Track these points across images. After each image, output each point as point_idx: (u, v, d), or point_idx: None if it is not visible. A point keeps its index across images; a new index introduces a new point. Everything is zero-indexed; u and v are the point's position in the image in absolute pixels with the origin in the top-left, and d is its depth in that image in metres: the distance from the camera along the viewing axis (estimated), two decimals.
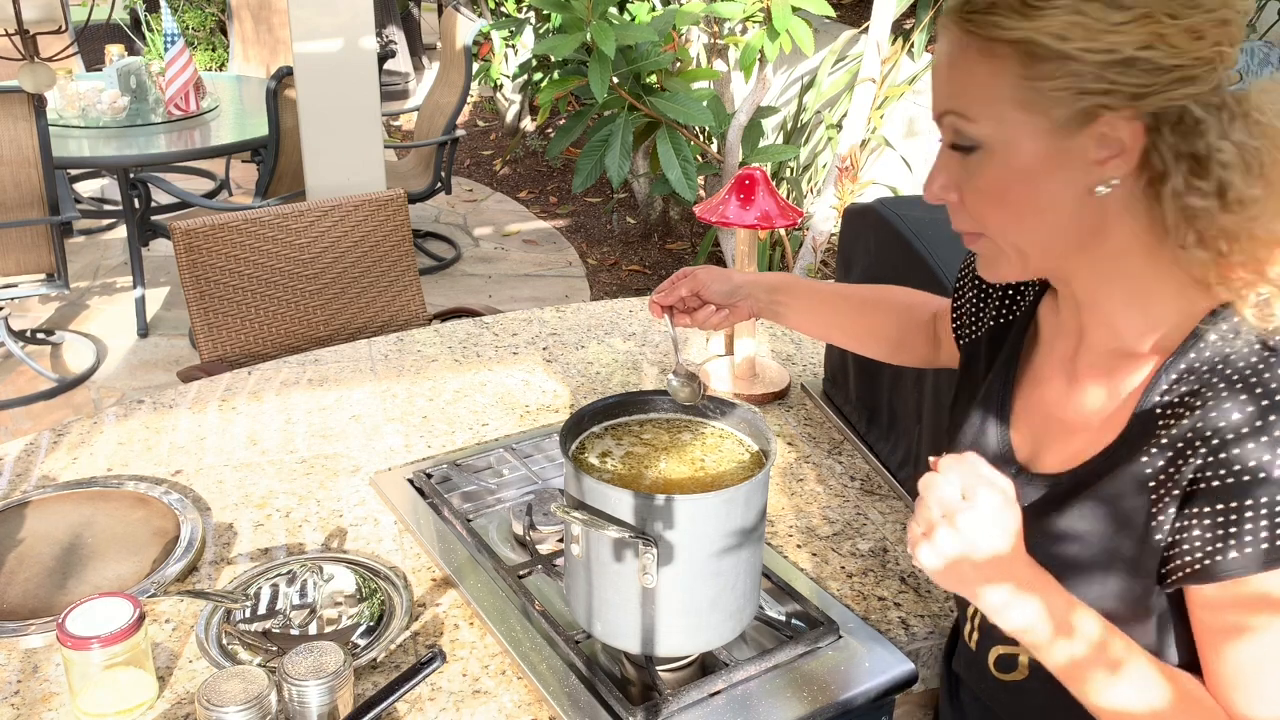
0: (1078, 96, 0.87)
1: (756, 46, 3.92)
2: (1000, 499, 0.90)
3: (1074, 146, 0.89)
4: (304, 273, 2.49)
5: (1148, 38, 0.84)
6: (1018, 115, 0.89)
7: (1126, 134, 0.88)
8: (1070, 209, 0.92)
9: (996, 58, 0.88)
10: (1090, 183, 0.90)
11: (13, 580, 1.38)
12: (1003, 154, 0.91)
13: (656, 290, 1.41)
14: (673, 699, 1.19)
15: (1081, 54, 0.85)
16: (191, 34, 7.95)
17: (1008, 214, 0.94)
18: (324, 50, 3.32)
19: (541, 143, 6.75)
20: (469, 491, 1.61)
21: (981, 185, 0.94)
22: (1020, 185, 0.92)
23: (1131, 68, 0.85)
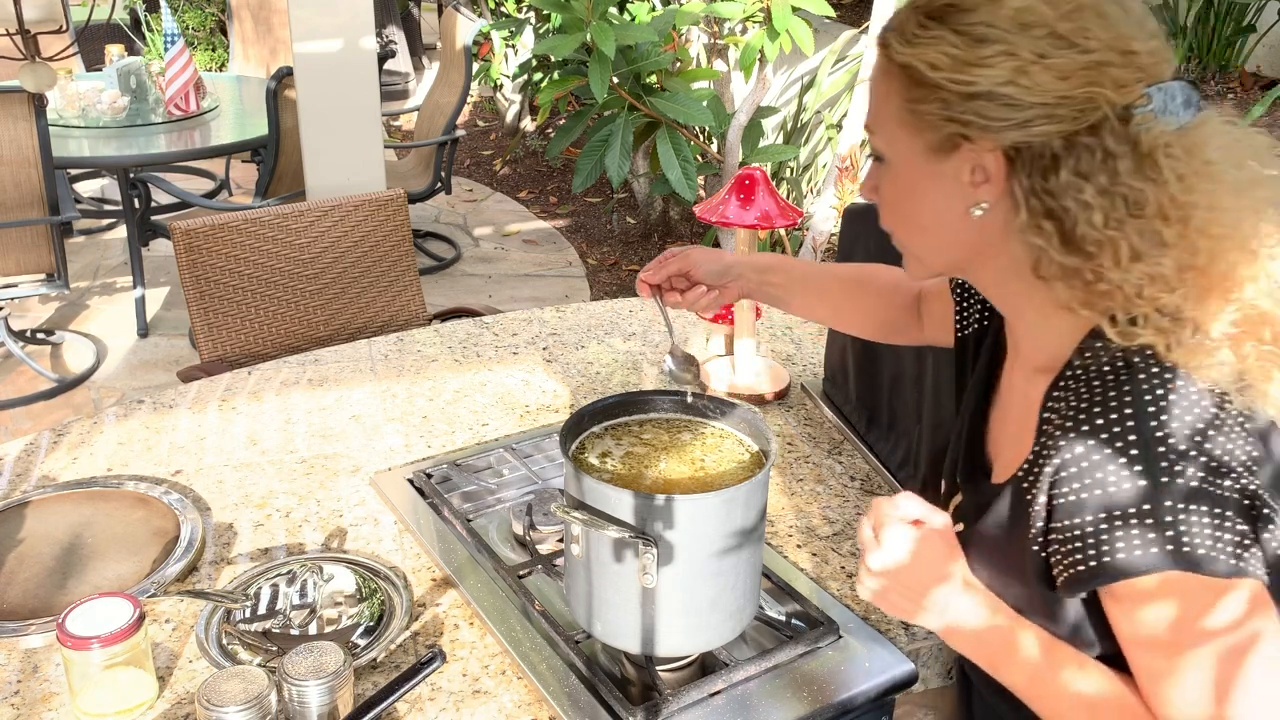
0: (945, 123, 0.92)
1: (756, 46, 3.92)
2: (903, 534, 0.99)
3: (947, 169, 0.95)
4: (304, 273, 2.49)
5: (1010, 74, 0.88)
6: (901, 134, 0.96)
7: (991, 164, 0.92)
8: (952, 226, 0.98)
9: (891, 78, 0.95)
10: (966, 204, 0.95)
11: (13, 580, 1.38)
12: (893, 167, 1.00)
13: (645, 269, 1.41)
14: (673, 699, 1.19)
15: (947, 83, 0.90)
16: (191, 34, 7.95)
17: (900, 222, 1.03)
18: (324, 50, 3.32)
19: (541, 143, 6.75)
20: (469, 491, 1.61)
21: (883, 194, 1.02)
22: (907, 198, 1.00)
23: (992, 101, 0.89)
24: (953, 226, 0.98)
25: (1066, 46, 0.87)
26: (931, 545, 1.00)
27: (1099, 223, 0.88)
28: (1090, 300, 0.92)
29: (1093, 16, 0.88)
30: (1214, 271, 0.89)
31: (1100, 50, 0.87)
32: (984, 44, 0.88)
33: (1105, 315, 0.92)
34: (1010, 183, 0.92)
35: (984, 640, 1.02)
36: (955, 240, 0.99)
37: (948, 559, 1.01)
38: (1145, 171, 0.88)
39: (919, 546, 0.99)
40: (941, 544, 1.00)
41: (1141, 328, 0.90)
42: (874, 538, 1.01)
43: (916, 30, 0.91)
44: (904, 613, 1.03)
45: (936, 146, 0.94)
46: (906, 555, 0.99)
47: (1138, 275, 0.89)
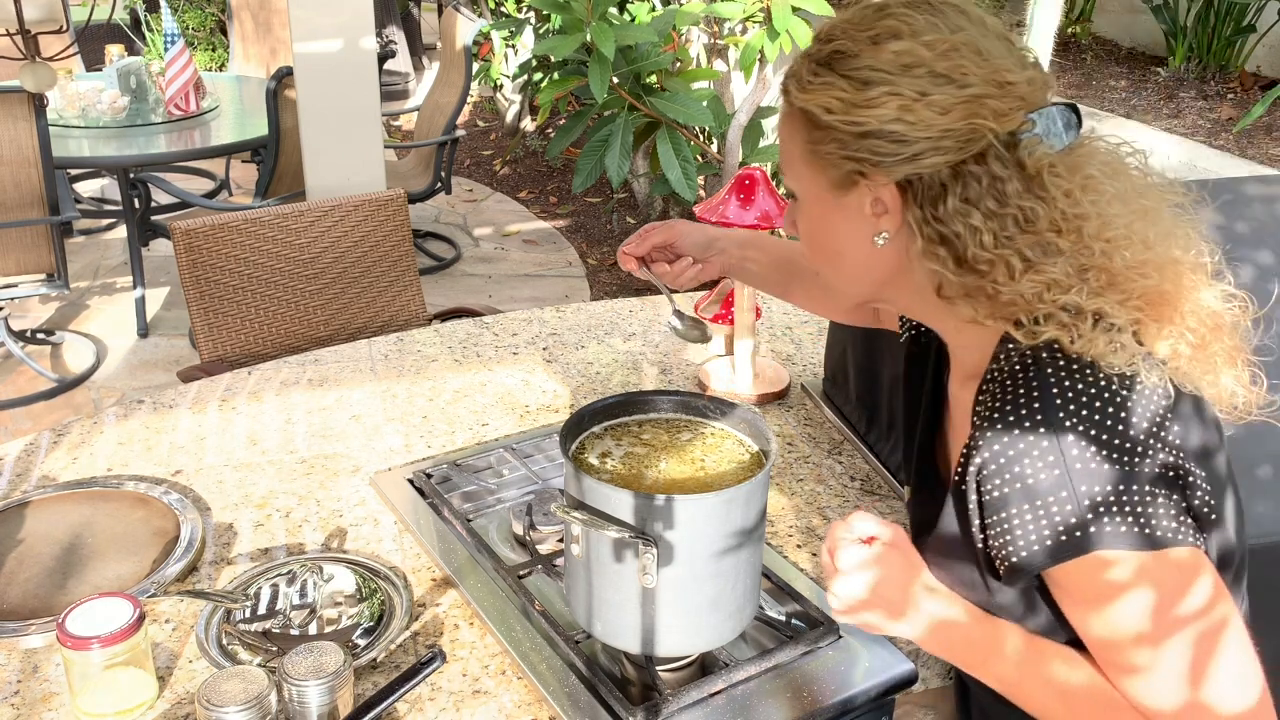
0: (843, 161, 0.99)
1: (756, 46, 3.92)
2: (855, 556, 1.04)
3: (850, 202, 1.02)
4: (304, 273, 2.49)
5: (896, 112, 0.95)
6: (806, 172, 1.04)
7: (887, 196, 0.99)
8: (861, 256, 1.05)
9: (793, 121, 1.03)
10: (870, 234, 1.02)
11: (13, 580, 1.38)
12: (804, 204, 1.07)
13: (626, 242, 1.43)
14: (673, 699, 1.19)
15: (840, 125, 0.97)
16: (191, 34, 7.95)
17: (818, 256, 1.10)
18: (324, 50, 3.33)
19: (541, 143, 6.75)
20: (469, 491, 1.61)
21: (801, 230, 1.10)
22: (820, 232, 1.07)
23: (882, 139, 0.96)
24: (862, 256, 1.04)
25: (946, 83, 0.94)
26: (887, 560, 1.05)
27: (988, 243, 0.95)
28: (994, 311, 0.98)
29: (968, 54, 0.95)
30: (1114, 268, 0.96)
31: (978, 84, 0.94)
32: (870, 86, 0.95)
33: (1011, 321, 0.98)
34: (905, 213, 0.99)
35: (955, 642, 1.07)
36: (867, 269, 1.06)
37: (906, 569, 1.05)
38: (1034, 191, 0.95)
39: (876, 563, 1.04)
40: (897, 556, 1.05)
41: (1044, 325, 0.96)
42: (830, 562, 1.06)
43: (810, 77, 0.99)
44: (876, 628, 1.08)
45: (838, 183, 1.01)
46: (864, 574, 1.04)
47: (1033, 284, 0.95)
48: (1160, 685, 0.94)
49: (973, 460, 0.97)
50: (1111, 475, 0.91)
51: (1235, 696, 0.93)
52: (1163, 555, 0.92)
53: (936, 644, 1.08)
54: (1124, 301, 0.95)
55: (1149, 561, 0.92)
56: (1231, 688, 0.93)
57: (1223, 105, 4.48)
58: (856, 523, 1.07)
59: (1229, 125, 4.26)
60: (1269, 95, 4.00)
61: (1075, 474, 0.91)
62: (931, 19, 0.96)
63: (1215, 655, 0.93)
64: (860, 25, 0.98)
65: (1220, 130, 4.22)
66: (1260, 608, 1.13)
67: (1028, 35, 2.45)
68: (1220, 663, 0.93)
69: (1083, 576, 0.94)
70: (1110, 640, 0.96)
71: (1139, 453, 0.92)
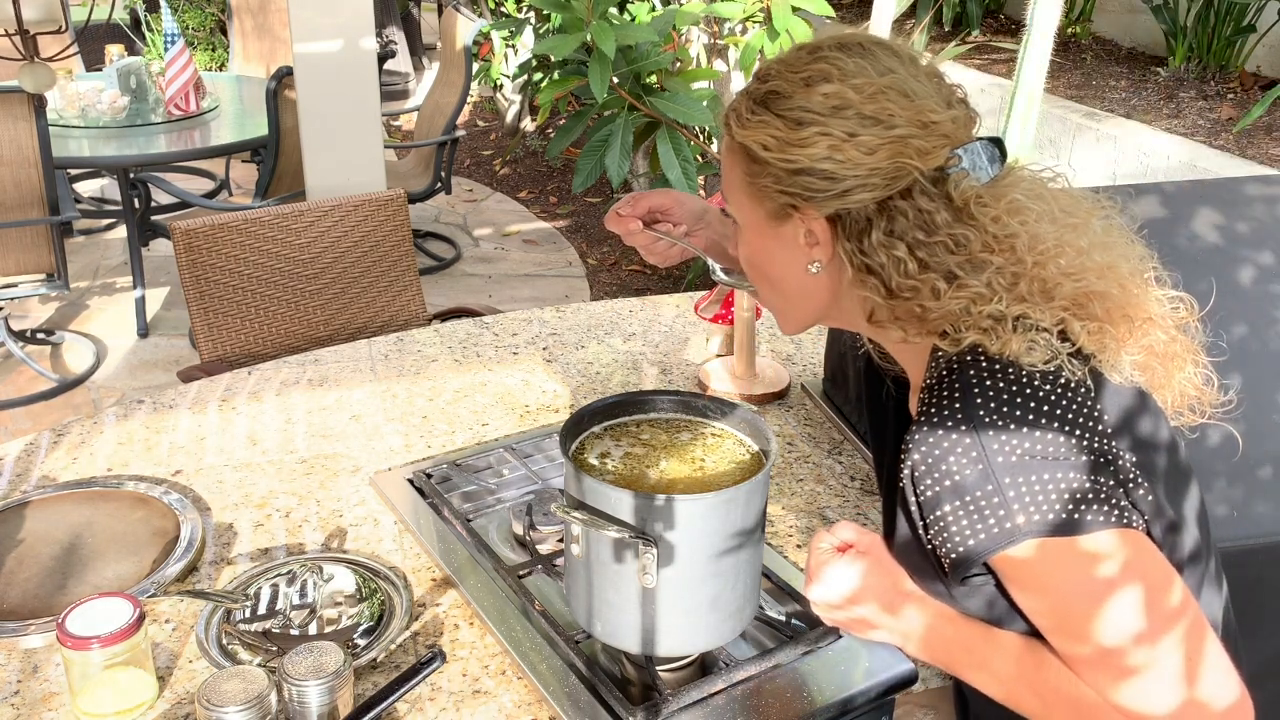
0: (778, 194, 1.03)
1: (756, 46, 3.92)
2: (827, 564, 1.09)
3: (785, 232, 1.06)
4: (304, 273, 2.49)
5: (826, 151, 0.99)
6: (746, 202, 1.08)
7: (818, 229, 1.04)
8: (798, 282, 1.09)
9: (734, 154, 1.07)
10: (805, 262, 1.07)
11: (13, 580, 1.38)
12: (743, 231, 1.12)
13: (618, 204, 1.43)
14: (673, 699, 1.19)
15: (775, 161, 1.02)
16: (191, 34, 7.95)
17: (757, 278, 1.15)
18: (324, 50, 3.32)
19: (541, 143, 6.75)
20: (469, 491, 1.61)
21: (742, 256, 1.15)
22: (759, 259, 1.12)
23: (813, 175, 1.00)
24: (799, 283, 1.09)
25: (873, 124, 0.99)
26: (856, 568, 1.09)
27: (913, 270, 1.00)
28: (923, 329, 1.03)
29: (895, 96, 1.00)
30: (1047, 275, 1.00)
31: (903, 125, 0.99)
32: (802, 126, 1.00)
33: (938, 334, 1.02)
34: (835, 245, 1.04)
35: (934, 644, 1.09)
36: (804, 295, 1.11)
37: (880, 575, 1.09)
38: (963, 220, 1.00)
39: (847, 570, 1.09)
40: (871, 563, 1.09)
41: (966, 332, 1.00)
42: (808, 571, 1.11)
43: (748, 115, 1.04)
44: (858, 631, 1.13)
45: (774, 214, 1.06)
46: (836, 580, 1.09)
47: (957, 300, 0.99)
48: (1110, 667, 0.96)
49: (905, 463, 1.01)
50: (1034, 466, 0.94)
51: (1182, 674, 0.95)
52: (1093, 539, 0.94)
53: (915, 646, 1.11)
54: (1048, 304, 0.99)
55: (1080, 545, 0.94)
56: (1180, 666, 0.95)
57: (1223, 105, 4.48)
58: (838, 530, 1.12)
59: (1229, 125, 4.26)
60: (1269, 95, 4.00)
61: (998, 467, 0.94)
62: (860, 62, 1.01)
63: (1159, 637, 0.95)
64: (794, 67, 1.03)
65: (1220, 130, 4.22)
66: (1260, 607, 1.13)
67: (1028, 35, 2.45)
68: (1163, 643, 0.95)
69: (1021, 565, 0.97)
70: (1056, 627, 0.99)
71: (1062, 443, 0.95)
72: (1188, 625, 0.96)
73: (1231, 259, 1.60)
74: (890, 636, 1.11)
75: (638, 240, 1.42)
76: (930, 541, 1.02)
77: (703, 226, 1.43)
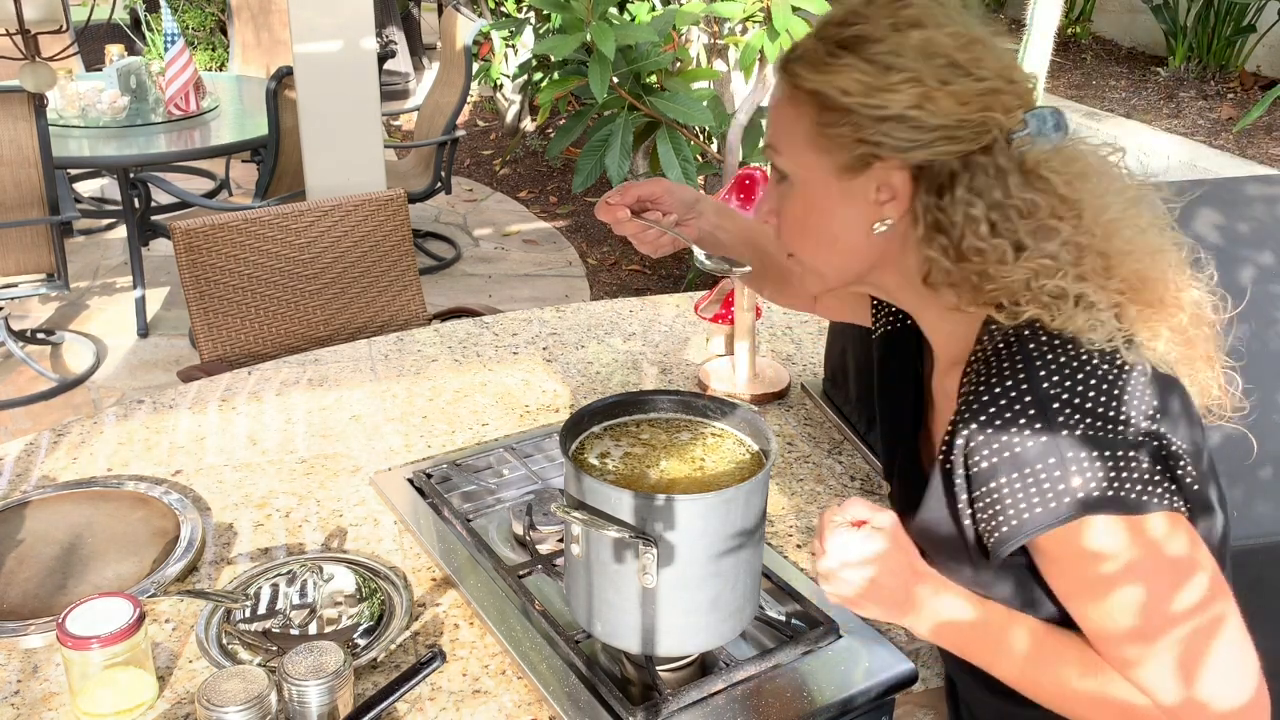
0: (856, 144, 0.99)
1: (756, 46, 3.92)
2: (845, 539, 1.04)
3: (856, 188, 1.02)
4: (304, 273, 2.49)
5: (916, 99, 0.96)
6: (811, 155, 1.03)
7: (898, 182, 0.99)
8: (856, 241, 1.05)
9: (798, 104, 1.02)
10: (871, 220, 1.03)
11: (13, 580, 1.38)
12: (801, 187, 1.06)
13: (608, 194, 1.38)
14: (673, 699, 1.19)
15: (859, 107, 0.97)
16: (191, 34, 7.95)
17: (806, 240, 1.09)
18: (324, 50, 3.32)
19: (541, 143, 6.75)
20: (469, 491, 1.61)
21: (788, 213, 1.08)
22: (814, 216, 1.06)
23: (901, 124, 0.97)
24: (855, 243, 1.05)
25: (964, 75, 0.96)
26: (873, 544, 1.04)
27: (984, 233, 0.98)
28: (976, 298, 1.01)
29: (984, 48, 0.98)
30: (1110, 250, 0.99)
31: (992, 78, 0.97)
32: (892, 71, 0.96)
33: (993, 305, 1.00)
34: (914, 199, 1.00)
35: (948, 626, 1.06)
36: (856, 256, 1.07)
37: (897, 554, 1.05)
38: (1033, 184, 0.98)
39: (864, 547, 1.03)
40: (884, 541, 1.04)
41: (1025, 306, 0.98)
42: (819, 545, 1.06)
43: (826, 59, 0.99)
44: (867, 611, 1.07)
45: (846, 167, 1.01)
46: (852, 556, 1.03)
47: (1024, 270, 0.97)
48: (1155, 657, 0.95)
49: (959, 435, 0.98)
50: (1097, 442, 0.93)
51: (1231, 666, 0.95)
52: (1148, 520, 0.93)
53: (928, 627, 1.07)
54: (1106, 285, 0.98)
55: (1136, 526, 0.93)
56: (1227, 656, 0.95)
57: (1223, 105, 4.48)
58: (850, 507, 1.07)
59: (1229, 125, 4.26)
60: (1269, 95, 4.00)
61: (1061, 441, 0.93)
62: (948, 12, 0.99)
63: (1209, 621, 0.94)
64: (882, 11, 0.98)
65: (1220, 130, 4.22)
66: (1260, 608, 1.13)
67: (1028, 35, 2.45)
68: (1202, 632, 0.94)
69: (1069, 543, 0.95)
70: (1094, 609, 0.97)
71: (1122, 421, 0.94)
72: (1228, 614, 0.95)
73: (1231, 259, 1.60)
74: (900, 616, 1.07)
75: (626, 229, 1.38)
76: (976, 516, 1.00)
77: (694, 216, 1.40)
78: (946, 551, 1.07)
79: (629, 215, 1.36)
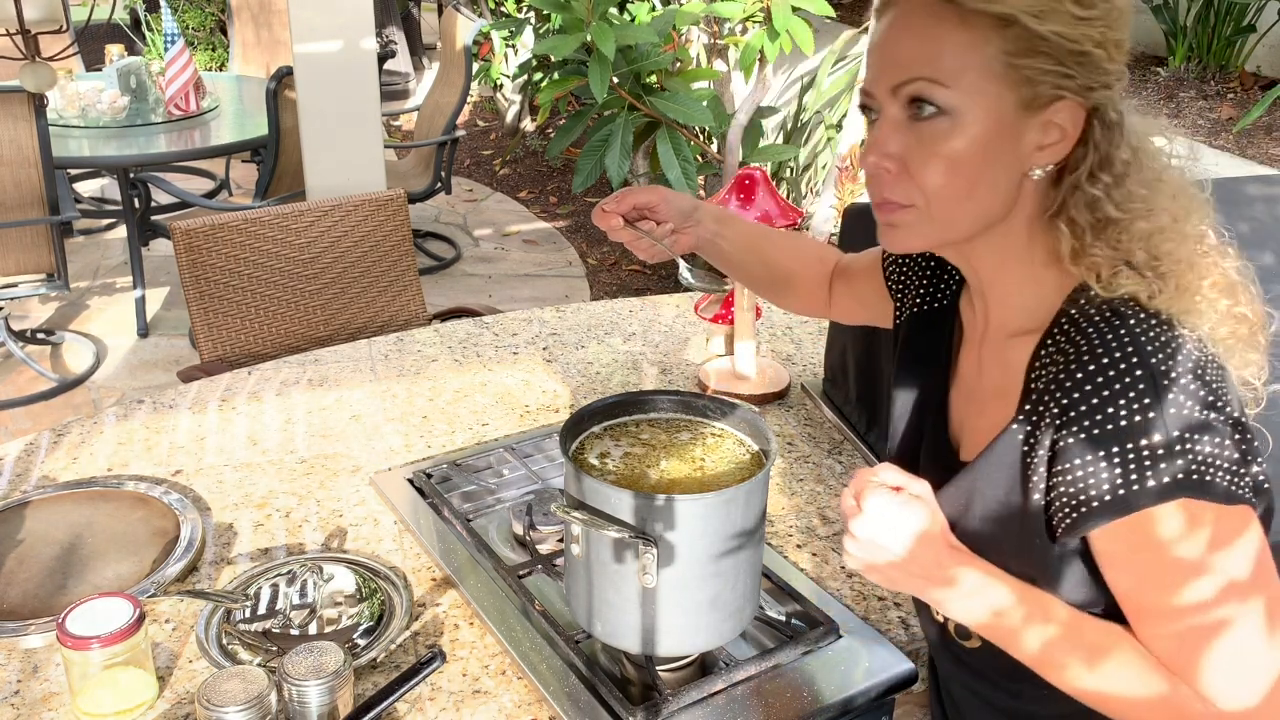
0: (1044, 77, 0.92)
1: (756, 46, 3.92)
2: (885, 500, 0.98)
3: (1025, 127, 0.94)
4: (304, 273, 2.49)
5: (1100, 38, 0.92)
6: (988, 87, 0.92)
7: (1069, 123, 0.94)
8: (1007, 186, 0.97)
9: (975, 29, 0.91)
10: (1026, 166, 0.96)
11: (13, 580, 1.38)
12: (965, 123, 0.94)
13: (604, 201, 1.35)
14: (673, 699, 1.19)
15: (1054, 37, 0.90)
16: (191, 34, 7.95)
17: (955, 183, 0.96)
18: (324, 50, 3.33)
19: (541, 143, 6.75)
20: (469, 491, 1.61)
21: (938, 153, 0.95)
22: (973, 157, 0.95)
23: (1085, 61, 0.92)
24: (1006, 188, 0.97)
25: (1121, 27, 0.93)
26: (914, 510, 0.98)
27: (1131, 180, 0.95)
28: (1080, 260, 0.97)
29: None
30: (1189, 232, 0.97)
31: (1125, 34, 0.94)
32: (1086, 5, 0.90)
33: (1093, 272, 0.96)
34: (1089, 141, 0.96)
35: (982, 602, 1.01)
36: (997, 203, 0.98)
37: (932, 523, 1.00)
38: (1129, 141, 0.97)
39: (902, 511, 0.98)
40: (925, 509, 0.99)
41: (1124, 279, 0.95)
42: (856, 504, 1.00)
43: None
44: (893, 581, 1.02)
45: (1027, 103, 0.93)
46: (890, 519, 0.98)
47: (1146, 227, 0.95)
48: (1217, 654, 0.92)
49: (1048, 408, 0.94)
50: (1202, 423, 0.89)
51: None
52: (1236, 511, 0.90)
53: (961, 606, 1.01)
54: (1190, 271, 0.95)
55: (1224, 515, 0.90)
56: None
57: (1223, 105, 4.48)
58: (884, 471, 1.01)
59: (1229, 125, 4.26)
60: (1269, 95, 3.99)
61: (1169, 419, 0.89)
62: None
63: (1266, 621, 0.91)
64: None
65: (1220, 130, 4.22)
66: None
67: None
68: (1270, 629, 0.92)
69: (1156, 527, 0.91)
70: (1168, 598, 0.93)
71: (1218, 407, 0.90)
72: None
73: None
74: (925, 589, 1.01)
75: (620, 237, 1.35)
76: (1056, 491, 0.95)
77: (692, 224, 1.37)
78: (987, 530, 1.02)
79: (621, 223, 1.33)
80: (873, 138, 0.99)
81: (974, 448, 1.07)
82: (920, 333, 1.20)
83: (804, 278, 1.46)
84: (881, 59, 0.97)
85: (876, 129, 0.98)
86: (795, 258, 1.47)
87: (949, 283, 1.18)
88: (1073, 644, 0.98)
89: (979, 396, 1.10)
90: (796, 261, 1.47)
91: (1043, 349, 0.99)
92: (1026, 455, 0.97)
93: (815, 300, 1.46)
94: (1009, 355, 1.04)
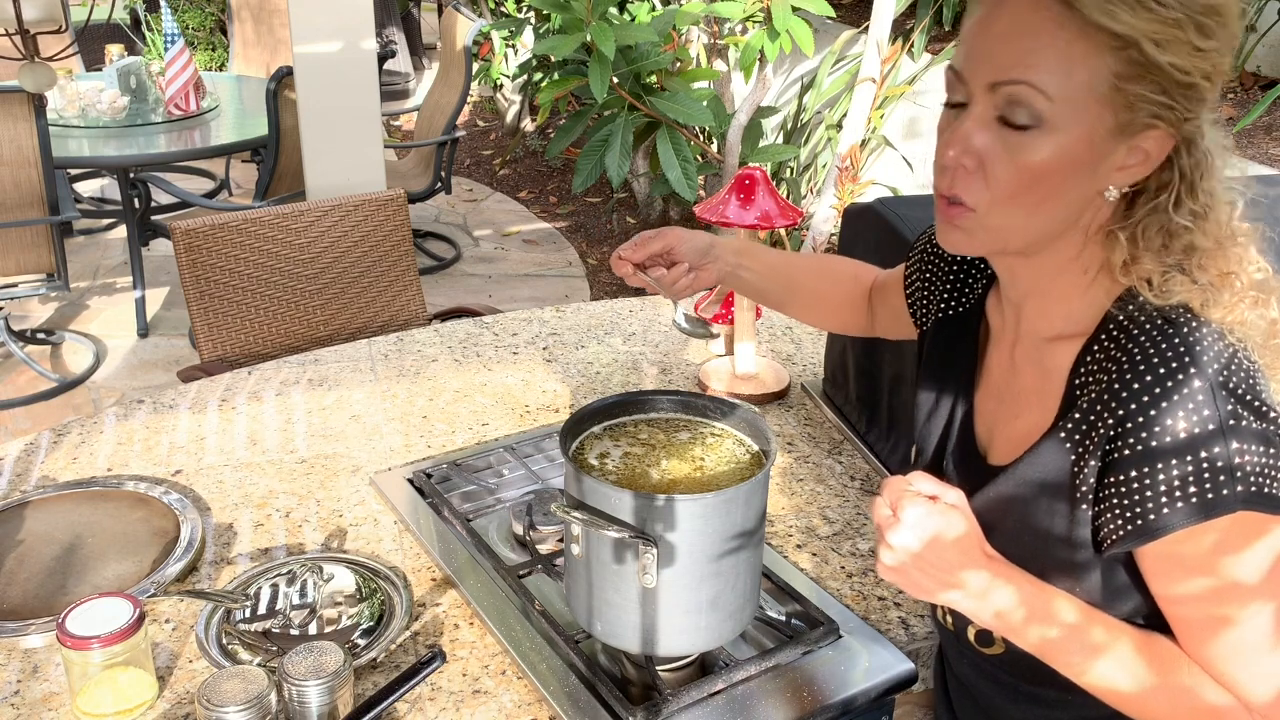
0: (1144, 104, 0.88)
1: (756, 46, 3.92)
2: (923, 510, 0.95)
3: (1114, 149, 0.91)
4: (304, 273, 2.49)
5: (1210, 70, 0.88)
6: (1089, 106, 0.89)
7: (1155, 149, 0.91)
8: (1080, 202, 0.94)
9: (1091, 43, 0.87)
10: (1103, 185, 0.94)
11: (13, 580, 1.38)
12: (1056, 139, 0.90)
13: (622, 247, 1.35)
14: (673, 699, 1.19)
15: (1168, 67, 0.86)
16: (191, 34, 7.95)
17: (1030, 194, 0.93)
18: (324, 50, 3.33)
19: (541, 143, 6.75)
20: (469, 491, 1.61)
21: (1019, 162, 0.91)
22: (1058, 173, 0.91)
23: (1191, 93, 0.88)
24: (1079, 204, 0.95)
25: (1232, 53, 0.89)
26: (950, 520, 0.96)
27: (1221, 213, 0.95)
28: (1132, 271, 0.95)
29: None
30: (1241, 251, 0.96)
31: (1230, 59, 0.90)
32: (1207, 36, 0.86)
33: (1144, 279, 0.94)
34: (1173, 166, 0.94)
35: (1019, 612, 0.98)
36: (1065, 218, 0.96)
37: (969, 532, 0.97)
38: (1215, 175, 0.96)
39: (940, 521, 0.95)
40: (960, 519, 0.97)
41: (1177, 286, 0.93)
42: (892, 514, 0.96)
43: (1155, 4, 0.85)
44: (926, 591, 0.99)
45: (1123, 128, 0.90)
46: (928, 530, 0.95)
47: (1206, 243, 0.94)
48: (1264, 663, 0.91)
49: (1101, 417, 0.92)
50: (1259, 434, 0.88)
51: None
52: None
53: (994, 615, 0.99)
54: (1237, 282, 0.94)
55: (1271, 526, 0.89)
56: None
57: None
58: (917, 480, 0.98)
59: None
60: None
61: (1229, 430, 0.87)
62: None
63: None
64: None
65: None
66: None
67: None
68: None
69: (1210, 538, 0.90)
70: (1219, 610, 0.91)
71: (1270, 418, 0.89)
72: None
73: None
74: (965, 599, 0.98)
75: (636, 283, 1.36)
76: (1107, 502, 0.93)
77: (710, 261, 1.37)
78: (1026, 538, 1.01)
79: (632, 271, 1.33)
80: (956, 129, 0.94)
81: (1005, 452, 1.05)
82: (946, 336, 1.18)
83: (835, 297, 1.46)
84: (984, 50, 0.92)
85: (961, 121, 0.94)
86: (824, 278, 1.47)
87: (975, 284, 1.17)
88: (1118, 659, 0.96)
89: (1010, 399, 1.08)
90: (825, 282, 1.47)
91: (1088, 354, 0.97)
92: (1075, 464, 0.95)
93: (856, 318, 1.46)
94: (1047, 359, 1.02)
